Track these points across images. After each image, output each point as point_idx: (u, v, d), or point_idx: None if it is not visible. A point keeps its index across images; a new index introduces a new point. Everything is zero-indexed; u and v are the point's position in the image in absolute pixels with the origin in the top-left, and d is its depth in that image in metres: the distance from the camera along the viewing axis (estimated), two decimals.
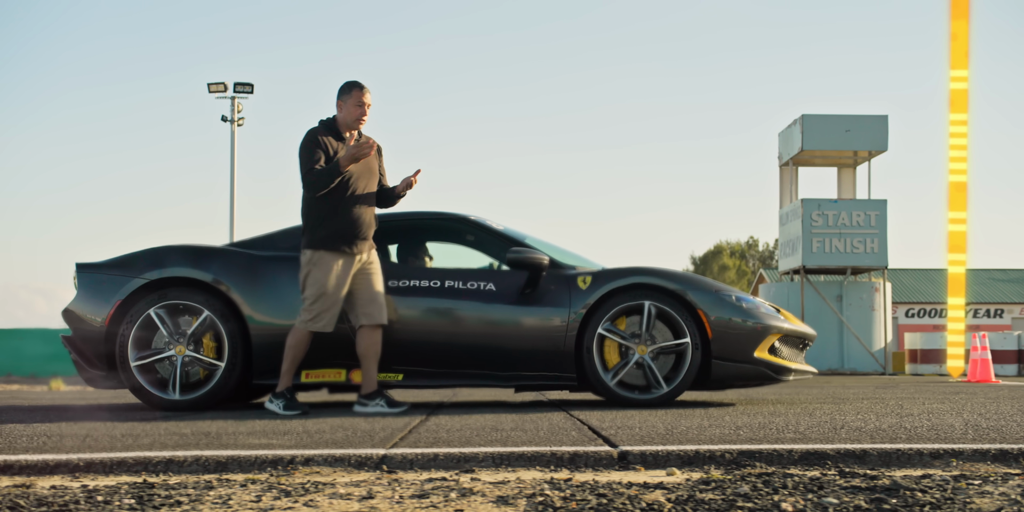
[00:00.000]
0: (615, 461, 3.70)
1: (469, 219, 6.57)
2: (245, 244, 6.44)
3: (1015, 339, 21.40)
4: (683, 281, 6.12)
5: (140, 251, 6.30)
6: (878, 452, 3.70)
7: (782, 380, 6.22)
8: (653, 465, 3.65)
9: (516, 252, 6.05)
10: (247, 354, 6.08)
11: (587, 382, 6.10)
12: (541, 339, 6.06)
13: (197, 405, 6.00)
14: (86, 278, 6.27)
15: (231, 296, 6.07)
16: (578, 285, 6.11)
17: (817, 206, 21.38)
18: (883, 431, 4.42)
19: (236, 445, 4.01)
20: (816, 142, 21.40)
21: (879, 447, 3.75)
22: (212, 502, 2.82)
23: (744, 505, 2.68)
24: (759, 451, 3.72)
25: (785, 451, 3.73)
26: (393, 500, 2.82)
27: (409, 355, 6.07)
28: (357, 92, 5.82)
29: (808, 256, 21.29)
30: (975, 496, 2.79)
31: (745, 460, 3.68)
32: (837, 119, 21.45)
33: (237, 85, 26.14)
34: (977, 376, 14.84)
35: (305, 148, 5.77)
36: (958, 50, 16.82)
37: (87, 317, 6.17)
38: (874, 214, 21.30)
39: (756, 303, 6.23)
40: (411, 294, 6.11)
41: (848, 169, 23.23)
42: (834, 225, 21.25)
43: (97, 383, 6.21)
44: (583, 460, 3.69)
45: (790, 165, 22.97)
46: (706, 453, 3.70)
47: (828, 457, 3.68)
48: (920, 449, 3.72)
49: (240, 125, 26.71)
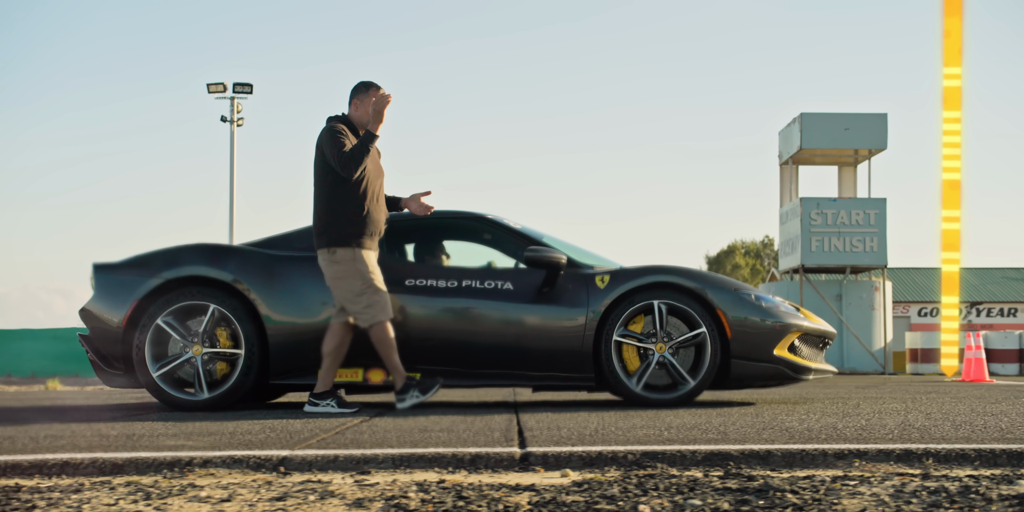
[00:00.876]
0: (516, 462, 3.63)
1: (486, 218, 6.54)
2: (262, 244, 6.42)
3: (1016, 338, 21.19)
4: (701, 280, 6.07)
5: (157, 250, 6.31)
6: (782, 453, 3.62)
7: (802, 379, 6.18)
8: (554, 466, 3.58)
9: (534, 251, 6.02)
10: (264, 354, 6.05)
11: (605, 382, 6.04)
12: (559, 339, 6.02)
13: (215, 405, 5.98)
14: (103, 278, 6.25)
15: (249, 296, 6.04)
16: (596, 284, 6.07)
17: (816, 205, 21.24)
18: (810, 431, 4.33)
19: (146, 447, 3.96)
20: (815, 140, 21.26)
21: (784, 448, 3.67)
22: (67, 506, 2.77)
23: (605, 508, 2.61)
24: (662, 452, 3.64)
25: (688, 452, 3.65)
26: (248, 502, 2.76)
27: (426, 354, 6.04)
28: (375, 91, 5.85)
29: (807, 255, 21.15)
30: (845, 497, 2.71)
31: (647, 461, 3.60)
32: (836, 117, 21.30)
33: (236, 85, 26.13)
34: (971, 375, 14.69)
35: (330, 136, 5.78)
36: (951, 47, 16.67)
37: (104, 317, 6.15)
38: (873, 213, 21.14)
39: (775, 302, 6.19)
40: (428, 293, 6.08)
41: (849, 168, 23.07)
42: (833, 224, 21.10)
43: (114, 382, 6.24)
44: (483, 461, 3.62)
45: (789, 164, 22.83)
46: (608, 454, 3.63)
47: (731, 458, 3.60)
48: (825, 450, 3.64)
49: (240, 125, 26.73)
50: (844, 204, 21.29)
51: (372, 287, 5.72)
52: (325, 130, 5.83)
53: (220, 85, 26.01)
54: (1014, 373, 21.14)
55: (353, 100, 5.89)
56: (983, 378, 14.48)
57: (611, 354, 5.96)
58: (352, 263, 5.74)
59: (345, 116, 5.93)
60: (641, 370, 5.97)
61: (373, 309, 5.70)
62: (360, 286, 5.72)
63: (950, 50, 16.22)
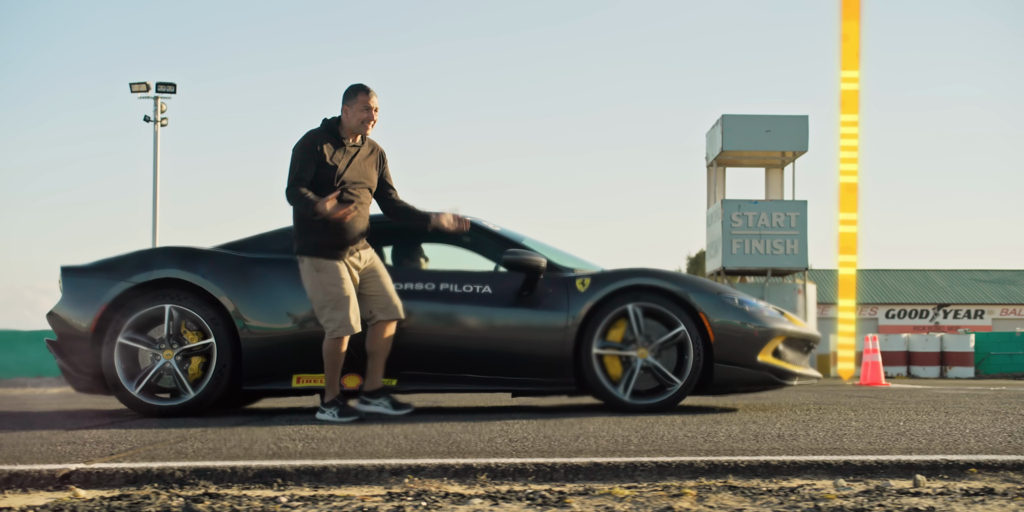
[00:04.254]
0: (57, 480, 3.47)
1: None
2: (234, 245, 6.29)
3: (937, 341, 21.12)
4: (684, 283, 5.97)
5: (127, 253, 6.18)
6: (335, 468, 3.50)
7: (786, 384, 6.07)
8: (96, 485, 3.44)
9: (513, 254, 5.92)
10: (236, 359, 5.92)
11: (586, 386, 5.94)
12: (539, 343, 5.92)
13: (183, 411, 5.84)
14: (71, 282, 6.14)
15: (220, 299, 5.92)
16: (576, 288, 5.97)
17: (737, 207, 21.14)
18: (528, 442, 4.17)
19: None
20: (736, 142, 21.16)
21: (333, 463, 3.54)
22: None
23: None
24: (211, 469, 3.50)
25: (241, 468, 3.52)
26: None
27: (404, 359, 5.93)
28: (363, 96, 5.67)
29: (728, 258, 21.04)
30: None
31: (194, 479, 3.47)
32: (757, 119, 21.20)
33: (160, 85, 25.88)
34: (868, 379, 14.61)
35: (298, 154, 5.62)
36: (849, 51, 16.59)
37: (72, 321, 6.06)
38: (794, 215, 21.05)
39: (759, 306, 6.09)
40: (406, 297, 5.95)
41: (776, 170, 22.97)
42: (754, 226, 21.00)
43: (82, 387, 6.12)
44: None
45: (715, 166, 22.73)
46: (156, 471, 3.49)
47: (285, 474, 3.48)
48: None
49: (164, 125, 26.56)
50: (765, 206, 21.19)
51: (332, 301, 5.57)
52: (299, 143, 5.65)
53: (143, 84, 25.87)
54: (935, 376, 21.08)
55: (343, 105, 5.71)
56: (879, 381, 14.39)
57: (592, 362, 5.85)
58: (316, 273, 5.60)
59: (337, 121, 5.74)
60: (626, 378, 5.86)
61: (332, 324, 5.57)
62: (320, 298, 5.60)
63: (847, 54, 16.15)
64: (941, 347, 21.13)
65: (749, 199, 21.51)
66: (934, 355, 21.15)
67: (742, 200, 21.28)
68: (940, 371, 21.22)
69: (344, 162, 5.68)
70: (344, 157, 5.69)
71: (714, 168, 22.84)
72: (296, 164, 5.59)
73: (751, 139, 21.15)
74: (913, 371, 21.45)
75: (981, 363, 21.86)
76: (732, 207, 21.13)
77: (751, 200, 21.39)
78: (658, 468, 3.50)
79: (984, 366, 21.89)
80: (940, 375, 21.13)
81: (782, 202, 21.41)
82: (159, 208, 26.90)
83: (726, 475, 3.47)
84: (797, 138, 21.15)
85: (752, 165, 23.31)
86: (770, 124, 21.14)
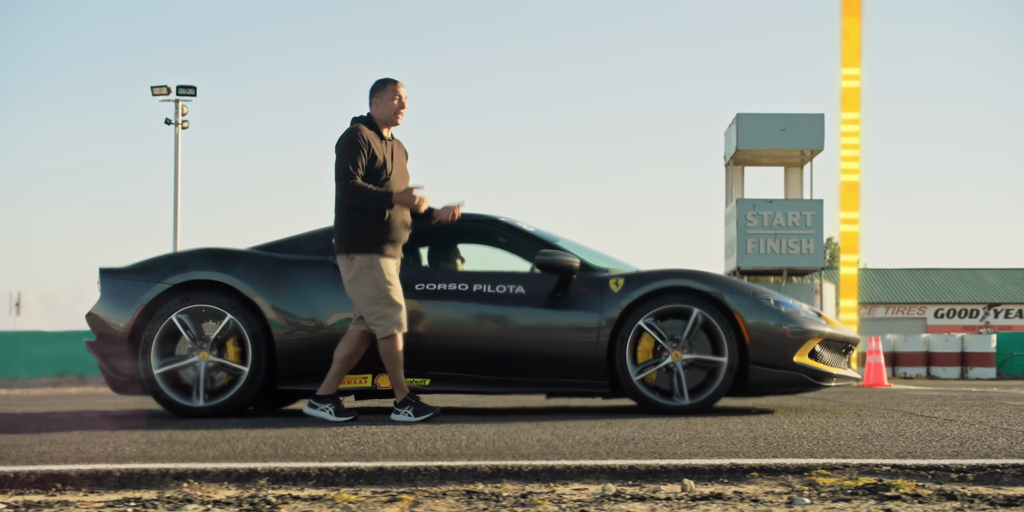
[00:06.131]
0: None
1: (499, 220, 6.42)
2: (269, 247, 6.35)
3: (957, 341, 20.81)
4: (720, 284, 5.92)
5: (164, 255, 6.30)
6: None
7: (823, 386, 6.00)
8: None
9: (545, 254, 5.92)
10: (271, 359, 5.97)
11: (619, 388, 5.92)
12: (571, 344, 5.90)
13: (220, 411, 5.90)
14: (109, 283, 6.24)
15: (255, 300, 5.98)
16: (610, 288, 5.95)
17: (752, 206, 20.96)
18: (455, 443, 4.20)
19: None
20: (751, 141, 20.98)
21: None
22: None
23: None
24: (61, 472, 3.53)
25: (104, 471, 3.56)
26: None
27: (436, 360, 5.95)
28: (392, 86, 5.70)
29: (743, 258, 20.88)
30: None
31: (54, 482, 3.51)
32: (772, 118, 21.01)
33: (180, 88, 26.23)
34: (871, 380, 14.43)
35: (346, 148, 5.61)
36: (850, 48, 16.38)
37: (110, 322, 6.13)
38: (810, 214, 20.85)
39: (795, 307, 6.03)
40: (439, 298, 5.98)
41: (795, 169, 22.76)
42: (769, 226, 20.81)
43: (121, 388, 6.18)
44: None
45: (731, 165, 22.56)
46: None
47: None
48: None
49: (185, 128, 26.89)
50: (780, 206, 21.00)
51: (386, 298, 5.56)
52: (345, 134, 5.64)
53: (164, 88, 26.14)
54: (955, 377, 20.76)
55: (372, 99, 5.73)
56: (882, 383, 14.20)
57: (626, 347, 5.82)
58: (368, 270, 5.57)
59: (369, 116, 5.76)
60: (647, 364, 5.82)
61: (385, 321, 5.54)
62: (374, 295, 5.56)
63: (848, 51, 15.96)
64: (962, 347, 20.82)
65: (764, 198, 21.32)
66: (954, 355, 20.84)
67: (757, 199, 21.11)
68: (960, 372, 20.91)
69: (388, 155, 5.71)
70: (386, 150, 5.71)
71: (731, 167, 22.67)
72: (347, 158, 5.57)
73: (766, 138, 20.97)
74: (933, 372, 21.15)
75: (1003, 364, 21.51)
76: (747, 207, 20.96)
77: (766, 199, 21.21)
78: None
79: (1006, 367, 21.53)
80: (960, 376, 20.82)
81: (798, 201, 21.21)
82: (180, 211, 27.21)
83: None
84: (813, 137, 20.93)
85: (770, 164, 23.12)
86: (785, 122, 20.95)
